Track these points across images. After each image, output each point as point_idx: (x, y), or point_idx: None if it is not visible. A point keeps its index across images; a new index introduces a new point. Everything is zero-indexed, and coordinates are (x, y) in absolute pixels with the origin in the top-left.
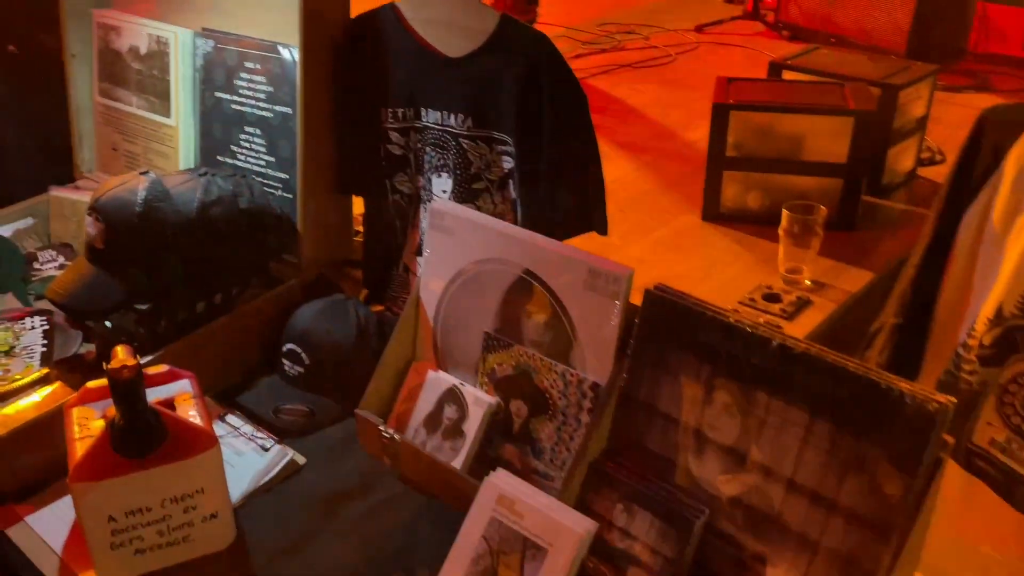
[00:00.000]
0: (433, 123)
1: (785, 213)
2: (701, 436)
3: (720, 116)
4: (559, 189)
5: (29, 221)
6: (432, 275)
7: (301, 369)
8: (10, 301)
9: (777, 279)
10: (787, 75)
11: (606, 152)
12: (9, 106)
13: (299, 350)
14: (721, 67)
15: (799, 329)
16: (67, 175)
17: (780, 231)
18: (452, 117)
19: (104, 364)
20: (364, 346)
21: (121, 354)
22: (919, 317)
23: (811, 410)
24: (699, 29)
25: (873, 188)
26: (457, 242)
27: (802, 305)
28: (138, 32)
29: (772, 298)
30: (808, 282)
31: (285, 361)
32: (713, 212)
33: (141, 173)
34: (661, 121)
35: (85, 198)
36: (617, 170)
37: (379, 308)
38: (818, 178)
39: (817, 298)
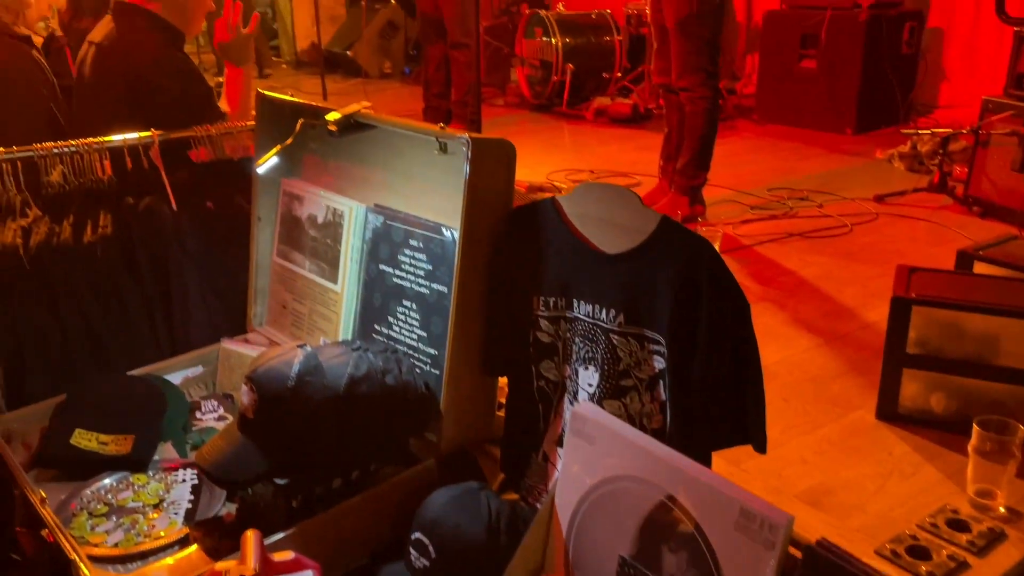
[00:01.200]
0: (584, 315)
1: (976, 429)
2: None
3: (900, 310)
4: (714, 398)
5: (199, 369)
6: (569, 483)
7: (427, 562)
8: (168, 450)
9: (965, 501)
10: (979, 267)
11: (771, 329)
12: (199, 257)
13: (426, 541)
14: (902, 242)
15: (990, 570)
16: (240, 327)
17: (970, 448)
18: (604, 311)
19: (226, 567)
20: (494, 545)
21: (247, 551)
22: None
23: None
24: (879, 199)
25: None
26: (598, 451)
27: (995, 539)
28: (318, 202)
29: (958, 525)
30: (1003, 510)
31: (412, 551)
32: (890, 411)
33: (299, 346)
34: (834, 298)
35: (252, 353)
36: (782, 351)
37: (514, 496)
38: (1015, 386)
39: (1014, 531)
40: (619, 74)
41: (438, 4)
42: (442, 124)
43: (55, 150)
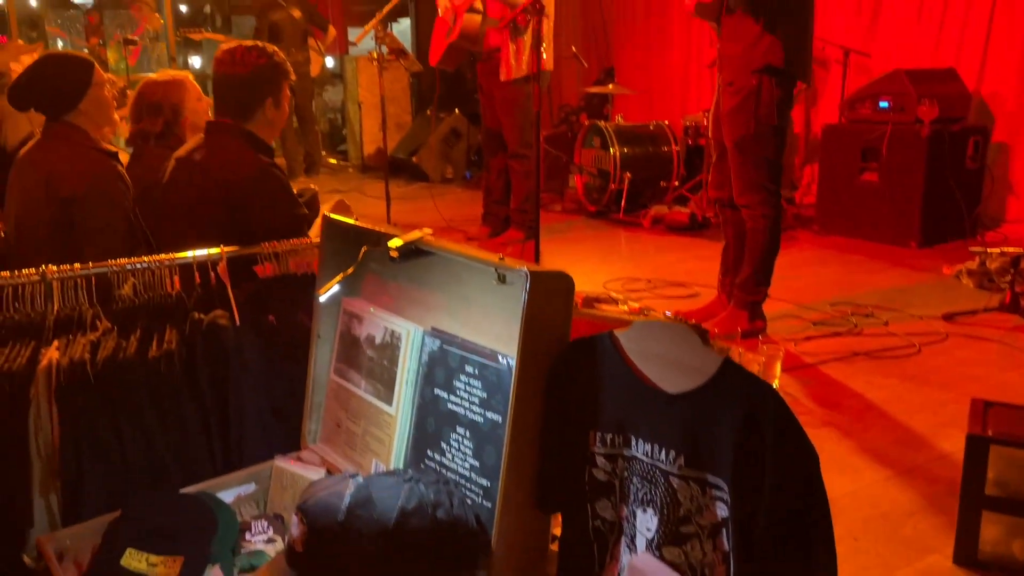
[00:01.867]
0: (643, 455)
1: None
2: None
3: (977, 449)
4: (780, 551)
5: (251, 487)
6: None
7: None
8: (215, 574)
9: None
10: None
11: (838, 458)
12: (258, 373)
13: None
14: (974, 366)
15: None
16: (295, 443)
17: None
18: (663, 452)
19: None
20: None
21: None
22: None
23: None
24: (948, 318)
25: None
26: None
27: None
28: (377, 323)
29: None
30: None
31: None
32: (968, 556)
33: (351, 476)
34: (905, 424)
35: (305, 472)
36: (851, 483)
37: None
38: None
39: None
40: (676, 183)
41: (498, 117)
42: (501, 256)
43: (128, 266)
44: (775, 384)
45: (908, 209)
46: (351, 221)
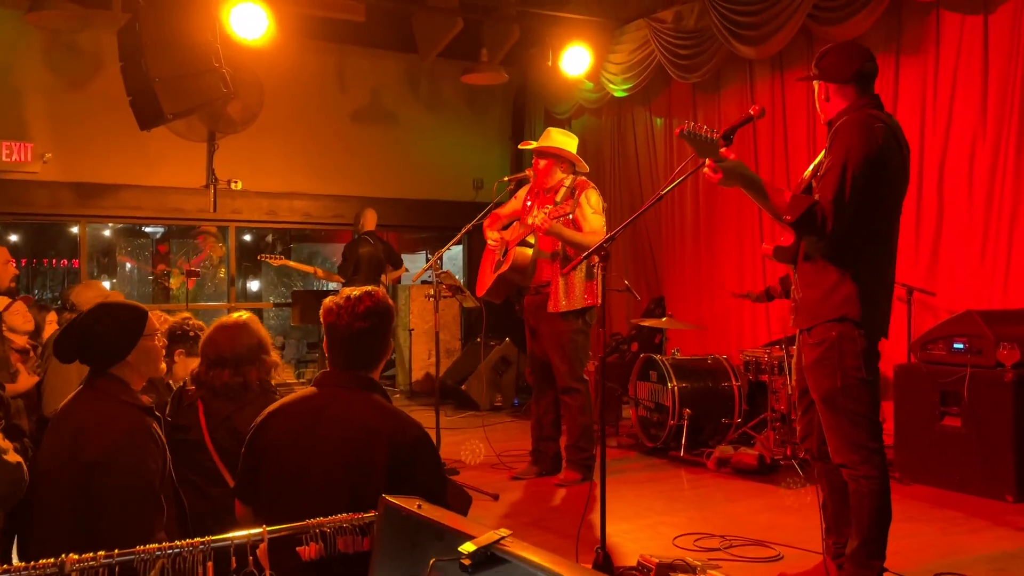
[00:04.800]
0: None
1: None
2: None
3: None
4: None
5: None
6: None
7: None
8: None
9: None
10: None
11: None
12: None
13: None
14: None
15: None
16: None
17: None
18: None
19: None
20: None
21: None
22: None
23: None
24: None
25: None
26: None
27: None
28: None
29: None
30: None
31: None
32: None
33: None
34: None
35: None
36: None
37: None
38: None
39: None
40: (739, 419)
41: (545, 351)
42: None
43: (158, 552)
44: None
45: (999, 459)
46: (411, 507)
